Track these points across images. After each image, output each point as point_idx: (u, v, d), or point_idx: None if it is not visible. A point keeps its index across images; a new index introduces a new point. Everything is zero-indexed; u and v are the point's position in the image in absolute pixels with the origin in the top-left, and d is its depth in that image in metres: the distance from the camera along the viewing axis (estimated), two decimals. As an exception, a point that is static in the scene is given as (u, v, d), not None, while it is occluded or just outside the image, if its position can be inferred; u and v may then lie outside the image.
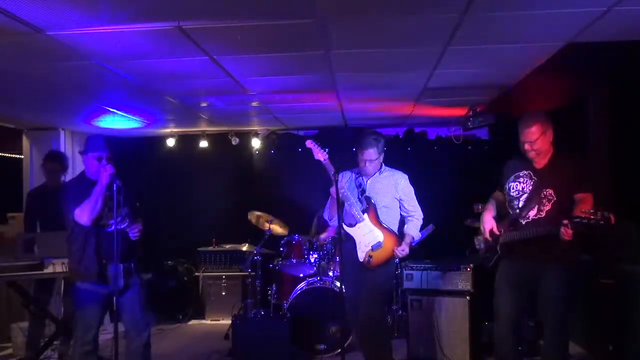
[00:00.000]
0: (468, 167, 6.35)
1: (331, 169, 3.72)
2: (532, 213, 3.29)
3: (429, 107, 5.51)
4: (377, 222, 3.88)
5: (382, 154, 3.91)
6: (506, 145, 3.52)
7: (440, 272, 4.53)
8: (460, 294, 4.45)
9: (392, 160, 4.16)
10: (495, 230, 3.42)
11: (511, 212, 3.40)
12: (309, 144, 3.85)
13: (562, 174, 3.24)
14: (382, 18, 2.94)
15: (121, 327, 3.60)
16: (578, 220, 2.95)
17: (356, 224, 3.88)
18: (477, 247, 3.68)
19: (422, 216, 4.03)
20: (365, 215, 3.87)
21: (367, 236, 3.86)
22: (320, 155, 3.78)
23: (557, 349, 3.31)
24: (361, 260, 3.84)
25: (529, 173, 3.36)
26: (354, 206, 3.87)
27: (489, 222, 3.45)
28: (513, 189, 3.40)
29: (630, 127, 4.13)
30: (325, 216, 4.15)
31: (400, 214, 4.02)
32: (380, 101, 5.30)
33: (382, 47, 3.47)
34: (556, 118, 5.39)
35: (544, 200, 3.26)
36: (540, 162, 3.35)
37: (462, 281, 4.46)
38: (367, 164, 3.86)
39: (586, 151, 4.71)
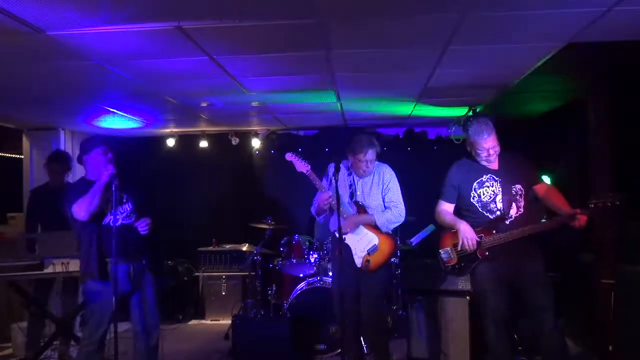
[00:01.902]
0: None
1: (315, 179, 3.70)
2: (513, 212, 3.41)
3: (429, 107, 5.51)
4: (370, 225, 3.83)
5: None
6: (506, 146, 3.52)
7: (440, 272, 4.52)
8: (460, 294, 4.44)
9: (392, 160, 4.14)
10: (476, 238, 3.43)
11: (490, 216, 3.43)
12: (288, 157, 3.78)
13: (519, 169, 3.46)
14: (382, 18, 2.94)
15: (127, 326, 3.61)
16: (592, 205, 3.18)
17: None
18: (446, 259, 3.59)
19: (403, 213, 3.85)
20: None
21: (361, 241, 3.81)
22: (302, 167, 3.74)
23: (560, 340, 3.41)
24: (359, 265, 3.78)
25: (491, 176, 3.46)
26: (345, 213, 3.75)
27: (470, 231, 3.42)
28: (484, 194, 3.45)
29: (630, 127, 4.12)
30: (313, 211, 4.02)
31: None
32: (380, 101, 5.30)
33: (382, 47, 3.47)
34: (556, 118, 5.43)
35: (517, 197, 3.42)
36: (494, 164, 3.48)
37: (462, 281, 4.44)
38: (369, 164, 3.79)
39: (586, 151, 4.70)
